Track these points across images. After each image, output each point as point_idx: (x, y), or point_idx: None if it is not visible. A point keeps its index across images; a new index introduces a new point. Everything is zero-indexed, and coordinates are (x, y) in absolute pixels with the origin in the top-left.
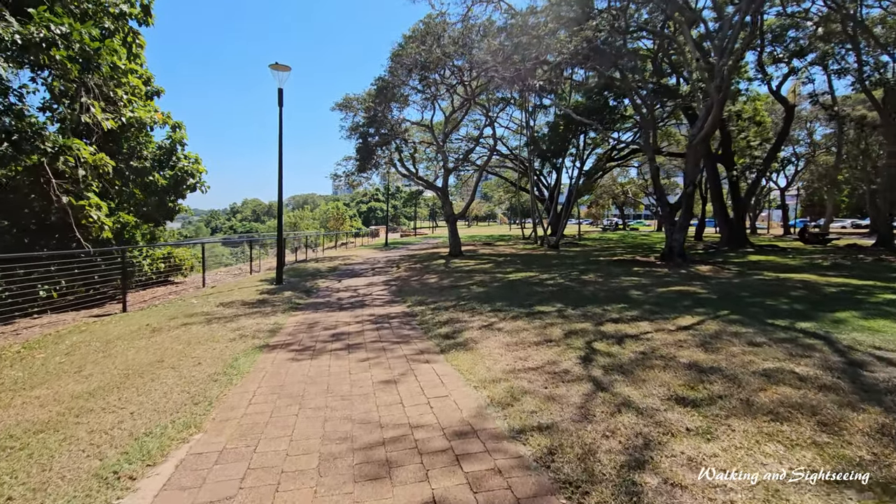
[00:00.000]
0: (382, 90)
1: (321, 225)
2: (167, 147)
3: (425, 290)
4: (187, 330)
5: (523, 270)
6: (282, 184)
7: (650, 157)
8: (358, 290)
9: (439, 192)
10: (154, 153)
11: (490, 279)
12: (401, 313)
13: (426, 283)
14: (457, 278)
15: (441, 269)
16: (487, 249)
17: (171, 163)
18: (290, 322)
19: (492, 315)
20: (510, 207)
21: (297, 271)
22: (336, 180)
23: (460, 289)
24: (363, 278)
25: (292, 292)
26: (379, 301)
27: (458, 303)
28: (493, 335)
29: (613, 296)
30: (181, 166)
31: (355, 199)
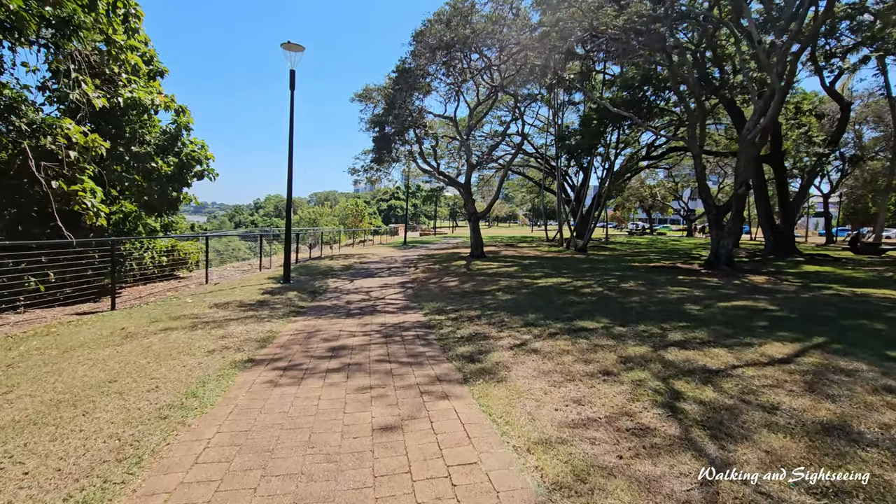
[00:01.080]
0: (403, 75)
1: (340, 222)
2: (172, 132)
3: (445, 295)
4: (165, 337)
5: (553, 275)
6: (291, 174)
7: (695, 154)
8: (370, 292)
9: (462, 189)
10: (158, 138)
11: (517, 285)
12: (416, 323)
13: (446, 287)
14: (480, 282)
15: (462, 271)
16: (510, 251)
17: (175, 148)
18: (286, 330)
19: (524, 330)
20: (532, 208)
21: (308, 269)
22: (354, 175)
23: (484, 295)
24: (377, 279)
25: (297, 293)
26: (392, 307)
27: (482, 312)
28: (529, 359)
29: (666, 310)
30: (186, 152)
31: (376, 196)
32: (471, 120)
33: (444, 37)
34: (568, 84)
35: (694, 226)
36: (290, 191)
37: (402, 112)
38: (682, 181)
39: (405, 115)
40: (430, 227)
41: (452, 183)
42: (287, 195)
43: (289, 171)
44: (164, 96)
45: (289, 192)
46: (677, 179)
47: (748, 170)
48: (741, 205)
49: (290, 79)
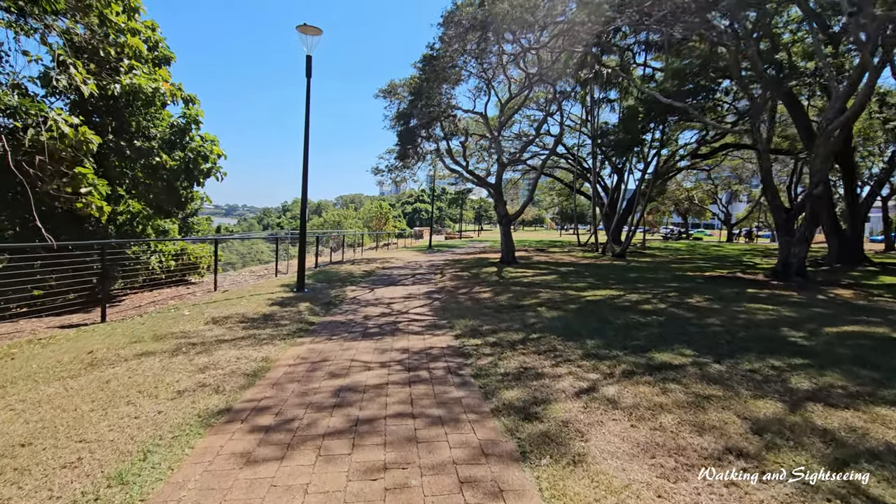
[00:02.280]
0: (430, 62)
1: (364, 224)
2: (180, 126)
3: (478, 309)
4: (135, 367)
5: (599, 286)
6: (306, 172)
7: (761, 150)
8: (392, 304)
9: (492, 190)
10: (164, 132)
11: (561, 298)
12: (446, 349)
13: (478, 300)
14: (517, 294)
15: (494, 279)
16: (542, 257)
17: (182, 143)
18: (285, 358)
19: (587, 365)
20: (560, 212)
21: (326, 275)
22: (378, 175)
23: (525, 311)
24: (401, 287)
25: (310, 304)
26: (417, 325)
27: (527, 335)
28: (609, 416)
29: (762, 337)
30: (193, 147)
31: (401, 199)
32: (501, 116)
33: (478, 14)
34: (606, 77)
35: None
36: (304, 190)
37: (429, 102)
38: (722, 183)
39: (432, 104)
40: (455, 230)
41: (482, 183)
42: (302, 194)
43: (304, 169)
44: (170, 84)
45: (304, 191)
46: (716, 181)
47: (825, 167)
48: (818, 207)
49: (306, 65)
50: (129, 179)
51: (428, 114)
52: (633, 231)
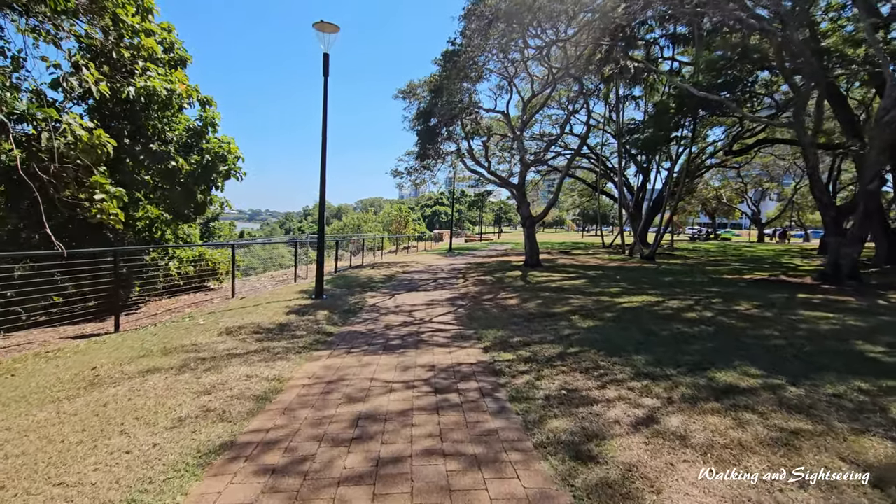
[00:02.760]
0: (451, 58)
1: (384, 228)
2: (197, 129)
3: (506, 317)
4: (138, 386)
5: (634, 292)
6: (324, 173)
7: (806, 144)
8: (414, 311)
9: (514, 191)
10: (180, 135)
11: (595, 305)
12: (476, 365)
13: (505, 306)
14: (546, 300)
15: (519, 284)
16: (567, 259)
17: (199, 146)
18: (300, 376)
19: (639, 387)
20: (581, 213)
21: (346, 280)
22: (397, 177)
23: (557, 319)
24: (422, 293)
25: (328, 312)
26: (442, 335)
27: (564, 349)
28: (679, 457)
29: (831, 351)
30: (210, 148)
31: (420, 202)
32: (524, 114)
33: (502, 5)
34: (632, 73)
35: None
36: (322, 194)
37: (450, 99)
38: (752, 181)
39: (454, 100)
40: (475, 232)
41: (504, 184)
42: (320, 198)
43: (322, 170)
44: (185, 85)
45: (321, 194)
46: (746, 179)
47: (880, 160)
48: (872, 204)
49: (323, 63)
50: (146, 184)
51: (449, 110)
52: (663, 232)
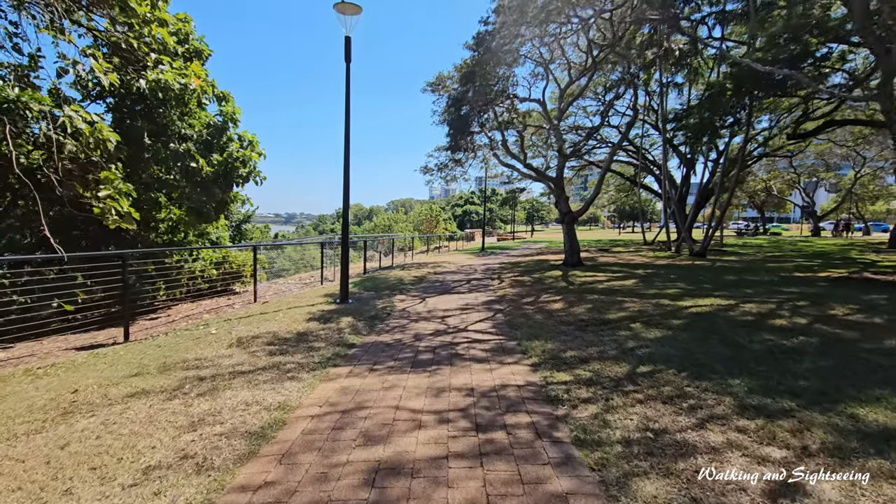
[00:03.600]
0: (483, 41)
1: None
2: (217, 125)
3: (553, 326)
4: (116, 415)
5: (697, 293)
6: (348, 169)
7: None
8: (447, 318)
9: (552, 185)
10: (200, 133)
11: (656, 310)
12: (525, 391)
13: (550, 312)
14: (596, 304)
15: (562, 285)
16: (609, 257)
17: (220, 144)
18: (310, 403)
19: (756, 429)
20: (617, 209)
21: (374, 282)
22: (427, 174)
23: (615, 328)
24: (455, 296)
25: (352, 319)
26: (479, 348)
27: (633, 368)
28: None
29: None
30: (231, 150)
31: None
32: (561, 103)
33: None
34: (677, 56)
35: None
36: (346, 189)
37: (483, 83)
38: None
39: (489, 84)
40: (507, 231)
41: (541, 178)
42: (344, 194)
43: (345, 163)
44: (200, 80)
45: (345, 189)
46: (798, 170)
47: None
48: None
49: (345, 48)
50: (169, 184)
51: (484, 95)
52: (715, 227)
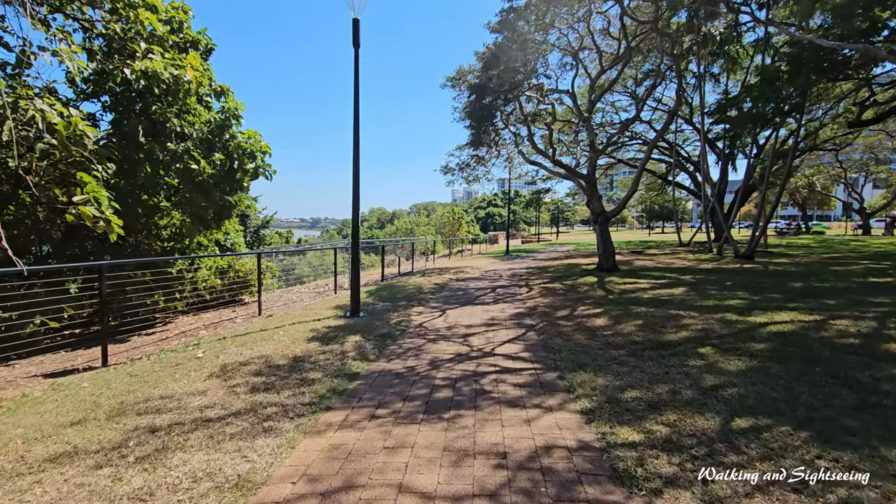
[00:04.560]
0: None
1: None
2: (217, 122)
3: (599, 348)
4: (20, 491)
5: (765, 305)
6: (358, 162)
7: None
8: (470, 336)
9: (583, 183)
10: (199, 131)
11: (725, 327)
12: (579, 459)
13: (592, 329)
14: (647, 320)
15: (599, 294)
16: (645, 260)
17: (222, 142)
18: (283, 473)
19: None
20: (646, 209)
21: (391, 290)
22: (448, 174)
23: (679, 353)
24: (479, 308)
25: (361, 338)
26: (511, 380)
27: (725, 420)
28: None
29: None
30: (235, 145)
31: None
32: (592, 94)
33: None
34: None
35: None
36: (356, 188)
37: (507, 68)
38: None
39: (514, 69)
40: (531, 233)
41: (571, 175)
42: (354, 192)
43: (354, 158)
44: (195, 70)
45: (355, 183)
46: (845, 164)
47: None
48: None
49: (352, 32)
50: (169, 188)
51: (510, 79)
52: (764, 227)
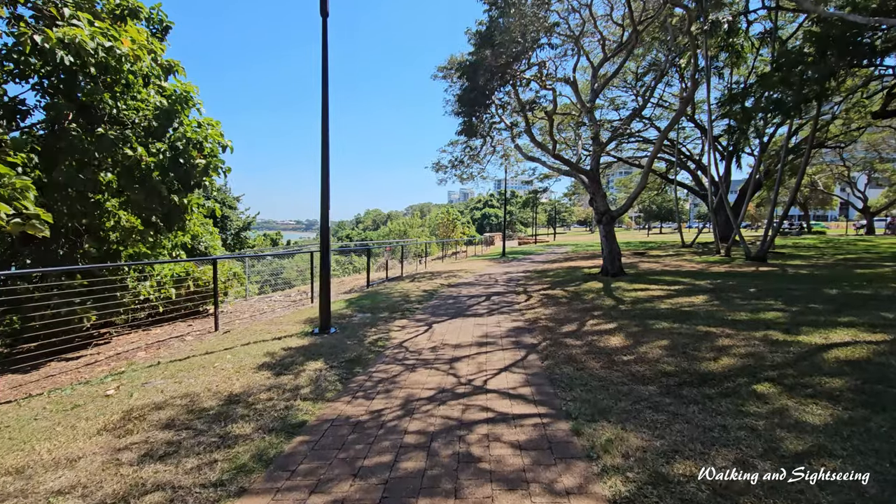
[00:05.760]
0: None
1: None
2: (165, 108)
3: (621, 382)
4: None
5: (809, 319)
6: (327, 150)
7: None
8: (457, 362)
9: (585, 179)
10: (143, 118)
11: (770, 350)
12: None
13: (608, 353)
14: (673, 340)
15: (609, 303)
16: (650, 263)
17: (169, 131)
18: None
19: None
20: (644, 209)
21: (375, 299)
22: (440, 172)
23: (733, 395)
24: (471, 321)
25: (322, 364)
26: (508, 438)
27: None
28: None
29: None
30: (180, 134)
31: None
32: (595, 82)
33: None
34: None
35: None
36: (325, 179)
37: (505, 39)
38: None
39: (513, 40)
40: (528, 234)
41: (573, 171)
42: (322, 183)
43: (323, 146)
44: (131, 41)
45: (323, 176)
46: (848, 163)
47: None
48: None
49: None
50: (89, 181)
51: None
52: (777, 227)
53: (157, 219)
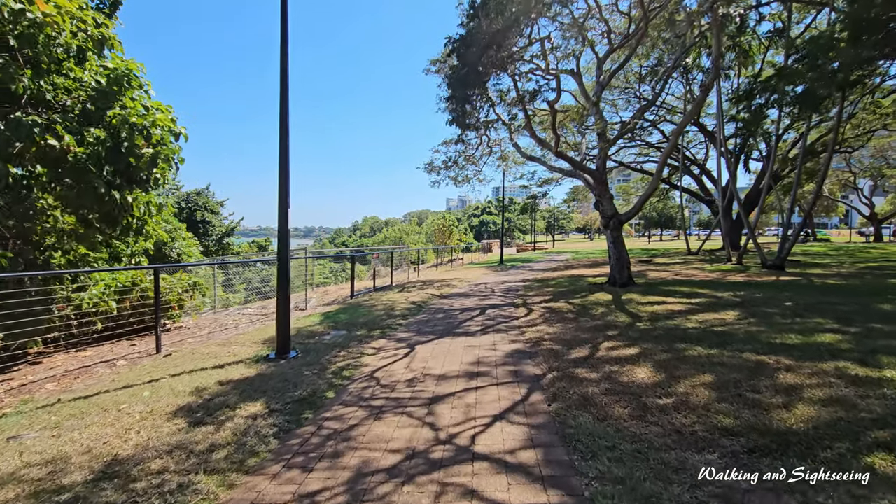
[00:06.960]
0: None
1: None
2: (101, 88)
3: (665, 448)
4: None
5: (874, 344)
6: (286, 141)
7: None
8: (439, 404)
9: (591, 179)
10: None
11: (854, 391)
12: None
13: (632, 391)
14: (718, 374)
15: (623, 320)
16: (659, 272)
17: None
18: None
19: None
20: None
21: (354, 313)
22: (433, 173)
23: (834, 462)
24: (460, 342)
25: (262, 409)
26: None
27: None
28: None
29: None
30: (121, 118)
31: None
32: (600, 74)
33: None
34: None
35: None
36: (284, 168)
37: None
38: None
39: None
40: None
41: (578, 170)
42: (280, 182)
43: (281, 137)
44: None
45: (281, 173)
46: (855, 168)
47: None
48: None
49: None
50: (34, 177)
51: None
52: (798, 233)
53: (93, 218)
